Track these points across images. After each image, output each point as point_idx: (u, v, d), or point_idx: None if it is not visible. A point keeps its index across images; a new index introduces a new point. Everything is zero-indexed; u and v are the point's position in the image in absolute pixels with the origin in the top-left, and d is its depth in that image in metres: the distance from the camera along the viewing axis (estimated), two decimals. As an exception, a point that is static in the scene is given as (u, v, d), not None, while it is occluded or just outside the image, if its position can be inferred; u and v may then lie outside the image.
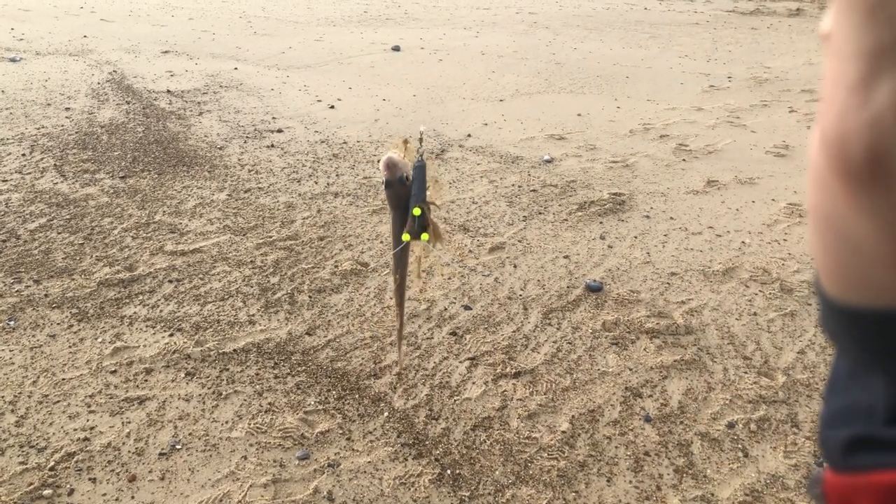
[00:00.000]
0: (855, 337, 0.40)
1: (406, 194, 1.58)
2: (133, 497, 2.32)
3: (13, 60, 8.39)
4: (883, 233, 0.35)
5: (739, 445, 2.60)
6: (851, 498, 0.38)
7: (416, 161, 1.61)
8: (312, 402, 2.76)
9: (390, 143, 1.63)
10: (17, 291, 3.47)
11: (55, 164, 5.17)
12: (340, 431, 2.62)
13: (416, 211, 1.54)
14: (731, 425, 2.70)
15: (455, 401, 2.80)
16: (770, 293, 3.63)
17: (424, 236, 1.59)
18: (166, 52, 9.44)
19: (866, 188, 0.35)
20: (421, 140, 1.71)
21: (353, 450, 2.54)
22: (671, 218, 4.56)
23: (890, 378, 0.38)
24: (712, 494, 2.38)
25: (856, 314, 0.39)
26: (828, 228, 0.39)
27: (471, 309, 3.44)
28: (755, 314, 3.44)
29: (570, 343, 3.19)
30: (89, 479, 2.38)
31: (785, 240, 4.25)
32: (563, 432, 2.64)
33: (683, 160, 5.68)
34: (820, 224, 0.39)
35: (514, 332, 3.26)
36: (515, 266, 3.87)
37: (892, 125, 0.33)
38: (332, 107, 7.01)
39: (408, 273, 2.09)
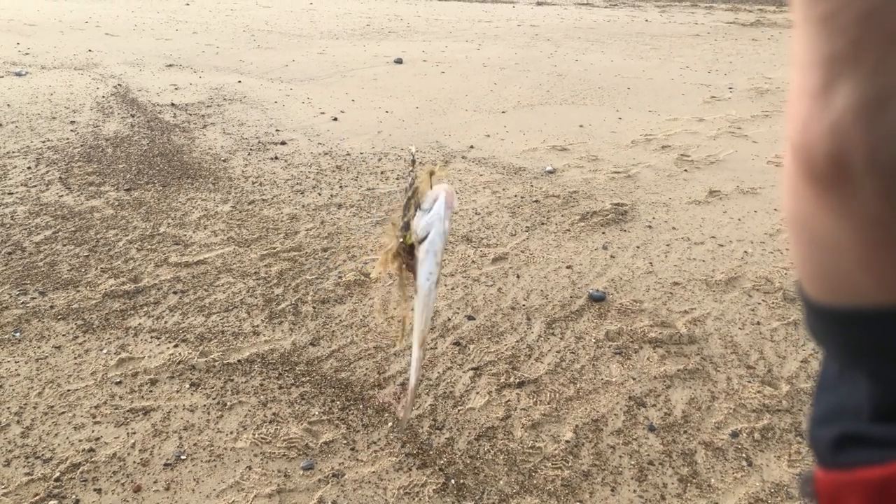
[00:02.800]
0: (837, 338, 0.42)
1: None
2: (138, 507, 2.32)
3: (19, 74, 8.46)
4: (853, 234, 0.36)
5: (743, 454, 2.60)
6: (840, 495, 0.39)
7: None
8: (317, 413, 2.77)
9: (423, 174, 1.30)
10: (22, 303, 3.49)
11: (60, 177, 5.20)
12: (345, 442, 2.63)
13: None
14: (734, 434, 2.70)
15: (459, 411, 2.80)
16: (773, 302, 3.63)
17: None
18: (171, 65, 9.50)
19: (833, 192, 0.36)
20: (414, 162, 1.39)
21: (357, 460, 2.54)
22: (673, 228, 4.57)
23: (873, 376, 0.40)
24: None
25: (836, 315, 0.40)
26: (803, 233, 0.40)
27: (474, 319, 3.45)
28: (758, 323, 3.44)
29: (573, 353, 3.19)
30: (94, 489, 2.38)
31: (787, 249, 4.25)
32: (567, 442, 2.64)
33: (685, 170, 5.70)
34: (796, 229, 0.41)
35: (517, 341, 3.27)
36: (518, 276, 3.88)
37: (852, 129, 0.34)
38: (336, 119, 7.05)
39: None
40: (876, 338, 0.38)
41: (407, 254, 1.24)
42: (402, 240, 1.22)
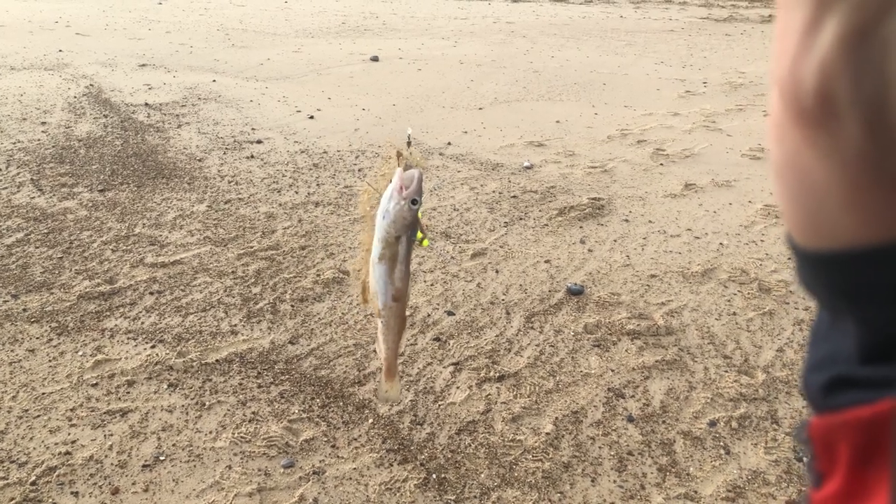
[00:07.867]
0: (823, 283, 0.42)
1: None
2: (116, 510, 2.30)
3: (-12, 75, 8.30)
4: (838, 172, 0.37)
5: (721, 443, 2.63)
6: (831, 436, 0.40)
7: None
8: (296, 411, 2.76)
9: (384, 154, 1.39)
10: (-6, 306, 3.43)
11: (32, 179, 5.12)
12: (325, 439, 2.62)
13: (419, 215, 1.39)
14: (712, 423, 2.73)
15: (439, 406, 2.81)
16: (748, 293, 3.68)
17: (425, 242, 1.46)
18: (144, 65, 9.39)
19: (821, 129, 0.37)
20: (409, 144, 1.45)
21: (338, 457, 2.53)
22: (650, 221, 4.61)
23: (859, 320, 0.40)
24: (695, 492, 2.41)
25: (821, 259, 0.41)
26: (790, 175, 0.41)
27: (454, 314, 3.45)
28: (734, 314, 3.49)
29: (552, 346, 3.21)
30: (71, 492, 2.35)
31: (762, 240, 4.31)
32: (548, 434, 2.65)
33: (661, 164, 5.75)
34: (782, 173, 0.41)
35: (497, 336, 3.28)
36: (497, 271, 3.89)
37: (839, 64, 0.35)
38: (312, 117, 7.01)
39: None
40: (858, 279, 0.39)
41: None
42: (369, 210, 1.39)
